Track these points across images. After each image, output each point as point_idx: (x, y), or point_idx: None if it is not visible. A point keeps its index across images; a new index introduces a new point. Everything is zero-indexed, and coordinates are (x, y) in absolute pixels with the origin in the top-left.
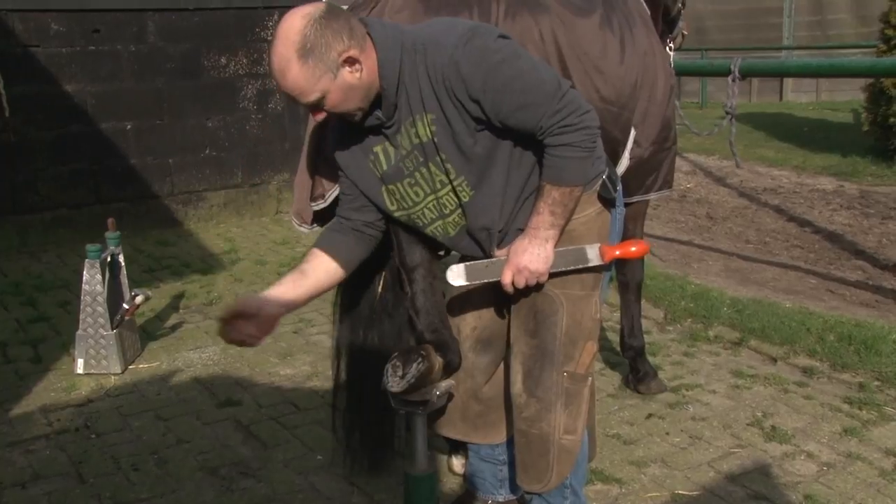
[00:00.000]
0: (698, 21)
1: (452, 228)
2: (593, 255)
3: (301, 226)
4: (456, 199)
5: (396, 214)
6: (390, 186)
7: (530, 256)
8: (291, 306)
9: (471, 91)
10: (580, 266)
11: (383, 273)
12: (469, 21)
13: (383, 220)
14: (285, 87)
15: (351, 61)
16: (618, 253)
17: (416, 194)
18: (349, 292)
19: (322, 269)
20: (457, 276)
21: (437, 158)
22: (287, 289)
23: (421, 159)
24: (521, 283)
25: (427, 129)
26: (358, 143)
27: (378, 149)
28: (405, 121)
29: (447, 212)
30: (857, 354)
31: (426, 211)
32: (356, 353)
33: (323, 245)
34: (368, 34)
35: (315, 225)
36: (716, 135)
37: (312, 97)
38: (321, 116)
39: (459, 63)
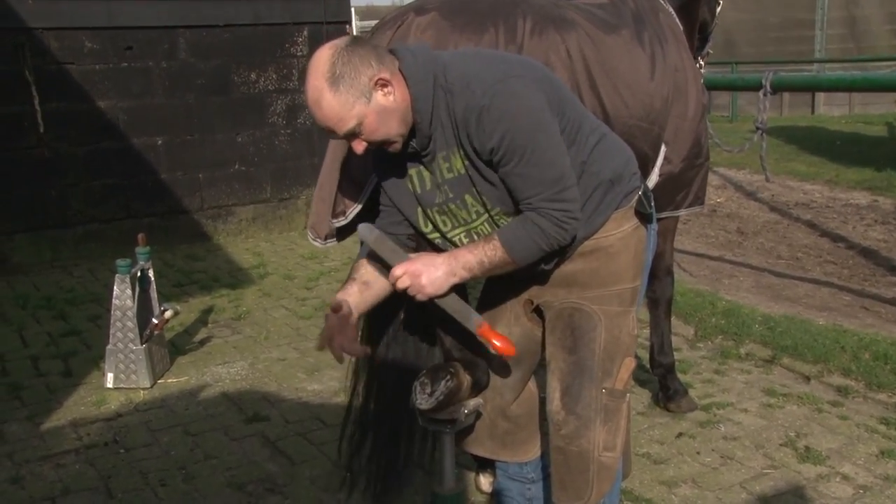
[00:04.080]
0: (728, 35)
1: None
2: (473, 321)
3: (315, 240)
4: (493, 229)
5: (430, 236)
6: (426, 210)
7: (431, 276)
8: (360, 314)
9: (486, 142)
10: (454, 315)
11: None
12: (504, 62)
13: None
14: (322, 117)
15: (383, 83)
16: (491, 338)
17: (445, 223)
18: (373, 309)
19: (383, 279)
20: (367, 233)
21: (474, 190)
22: (355, 299)
23: (451, 195)
24: (403, 286)
25: (462, 162)
26: (397, 161)
27: (413, 172)
28: (440, 153)
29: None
30: (893, 374)
31: (457, 241)
32: (377, 371)
33: (372, 254)
34: (400, 70)
35: (329, 240)
36: (747, 151)
37: (350, 124)
38: (362, 147)
39: (482, 114)
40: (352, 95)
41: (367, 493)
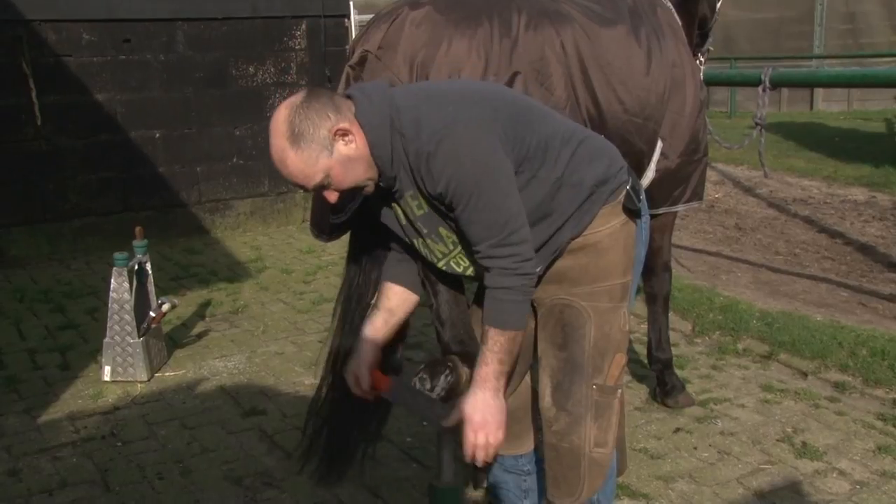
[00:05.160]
0: (727, 30)
1: (476, 272)
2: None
3: (319, 236)
4: (469, 257)
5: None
6: (412, 240)
7: (489, 415)
8: (384, 344)
9: (434, 187)
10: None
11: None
12: (455, 102)
13: None
14: (289, 175)
15: (342, 133)
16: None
17: (427, 255)
18: (349, 301)
19: (405, 304)
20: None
21: (446, 223)
22: (380, 332)
23: (425, 230)
24: (479, 446)
25: (428, 201)
26: (383, 195)
27: (395, 206)
28: (407, 192)
29: (466, 264)
30: (890, 370)
31: (444, 268)
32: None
33: (394, 278)
34: (356, 117)
35: (333, 235)
36: (745, 146)
37: (317, 179)
38: (334, 197)
39: (429, 160)
40: (314, 151)
41: (314, 472)
